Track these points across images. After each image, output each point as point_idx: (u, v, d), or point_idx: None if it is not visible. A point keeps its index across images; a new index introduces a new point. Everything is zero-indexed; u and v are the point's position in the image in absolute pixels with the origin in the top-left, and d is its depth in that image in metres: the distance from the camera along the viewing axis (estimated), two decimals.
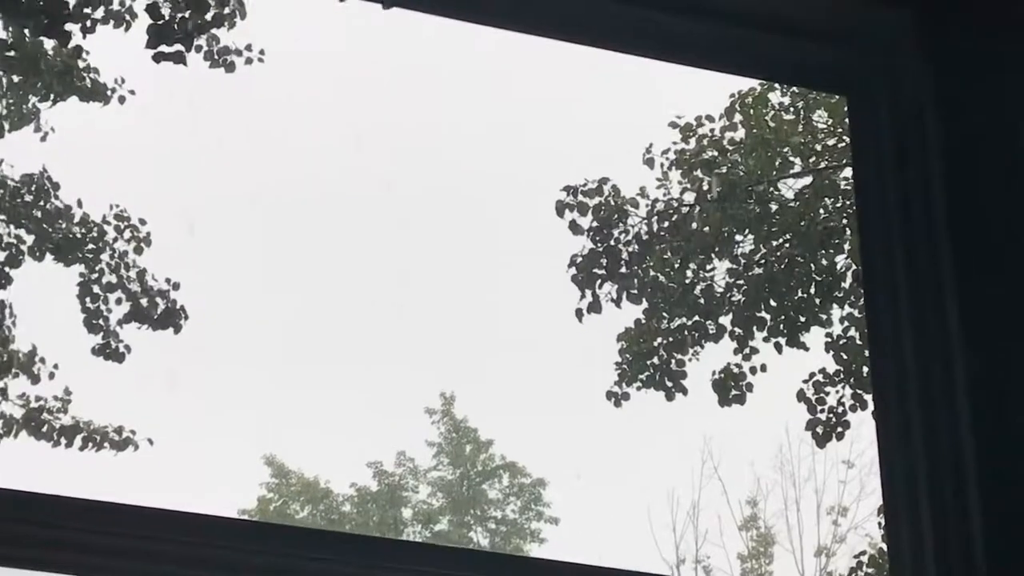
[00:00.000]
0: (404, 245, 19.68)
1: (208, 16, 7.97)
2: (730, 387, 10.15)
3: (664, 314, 10.12)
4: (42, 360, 10.74)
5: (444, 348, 19.66)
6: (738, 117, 10.21)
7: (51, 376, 10.74)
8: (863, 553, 10.56)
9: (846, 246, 10.02)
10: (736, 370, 10.14)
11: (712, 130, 10.23)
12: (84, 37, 8.08)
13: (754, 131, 10.05)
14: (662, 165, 10.29)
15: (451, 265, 19.73)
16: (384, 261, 19.99)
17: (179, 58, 7.80)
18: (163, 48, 7.70)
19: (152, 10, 7.57)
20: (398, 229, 19.72)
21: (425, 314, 19.57)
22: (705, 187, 9.95)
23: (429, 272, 19.30)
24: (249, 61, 9.22)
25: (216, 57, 9.00)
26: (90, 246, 10.35)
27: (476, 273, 19.40)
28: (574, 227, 9.93)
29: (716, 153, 9.99)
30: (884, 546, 10.48)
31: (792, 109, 10.19)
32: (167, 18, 7.97)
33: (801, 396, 10.04)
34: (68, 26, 7.82)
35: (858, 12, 2.08)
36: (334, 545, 2.01)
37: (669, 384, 10.12)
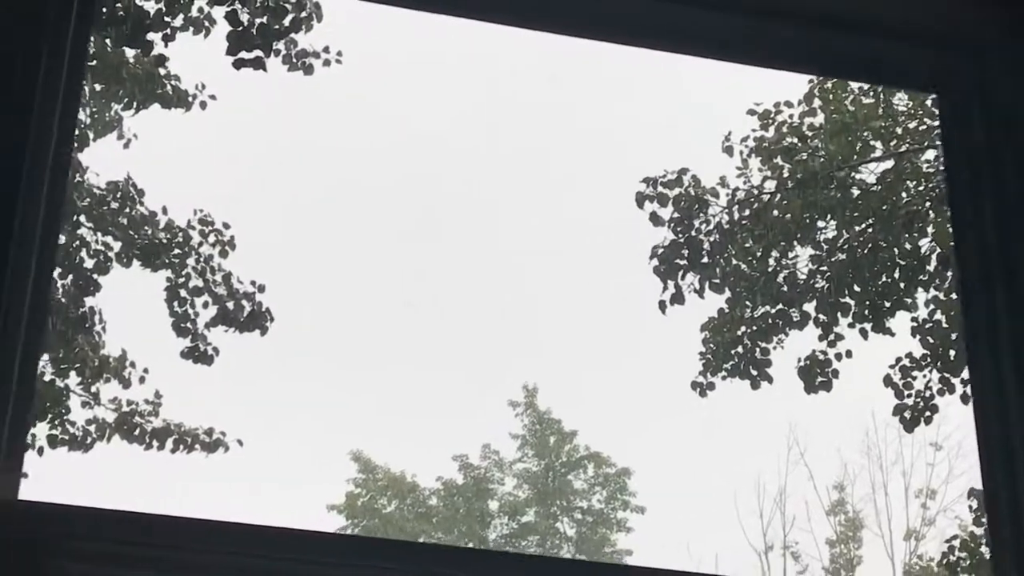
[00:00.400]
0: (486, 239, 19.72)
1: (286, 21, 8.03)
2: (816, 374, 10.08)
3: (747, 303, 10.07)
4: (132, 364, 10.89)
5: (526, 340, 19.69)
6: (817, 102, 10.14)
7: (142, 380, 10.88)
8: (955, 537, 10.45)
9: (929, 229, 9.91)
10: (821, 357, 10.08)
11: (791, 116, 10.16)
12: (166, 46, 8.18)
13: (834, 116, 9.97)
14: (741, 153, 10.24)
15: (533, 257, 19.74)
16: (467, 254, 20.03)
17: (259, 64, 7.87)
18: (243, 54, 7.77)
19: (231, 17, 7.64)
20: (479, 222, 19.77)
21: (508, 307, 19.61)
22: (785, 174, 9.89)
23: (511, 265, 19.32)
24: (327, 63, 9.27)
25: (294, 60, 9.07)
26: (176, 251, 10.47)
27: (557, 265, 19.39)
28: (655, 218, 9.91)
29: (796, 140, 9.92)
30: (975, 529, 10.39)
31: (871, 92, 10.08)
32: (246, 24, 8.06)
33: (888, 381, 9.95)
34: (150, 35, 7.91)
35: (949, 13, 2.07)
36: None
37: (754, 373, 10.08)
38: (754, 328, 10.07)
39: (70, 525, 1.78)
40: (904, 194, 9.97)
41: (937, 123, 10.15)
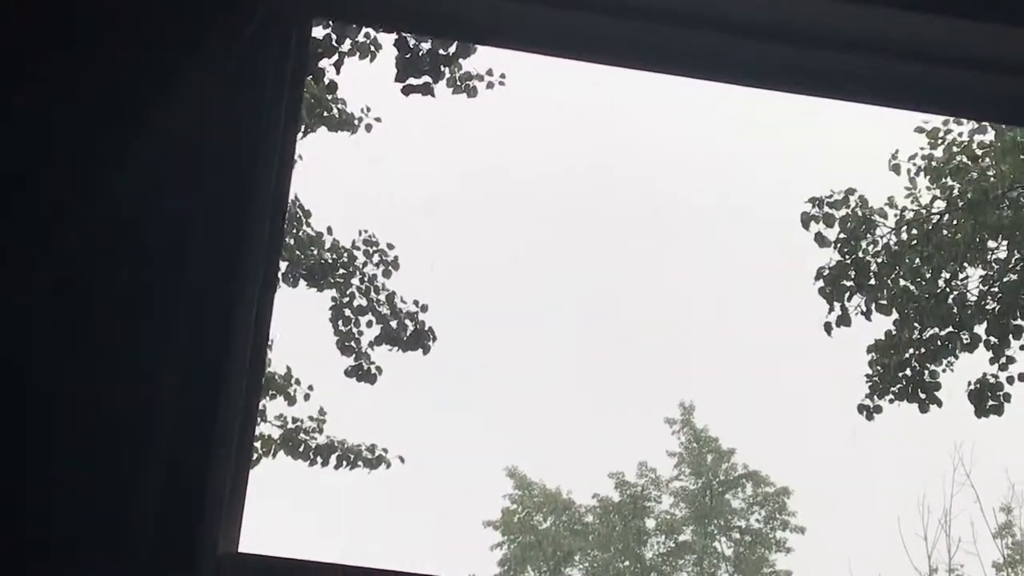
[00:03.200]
0: (646, 258, 19.69)
1: (452, 48, 8.10)
2: (987, 397, 9.85)
3: (916, 324, 9.89)
4: (297, 382, 11.07)
5: (683, 357, 19.59)
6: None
7: (306, 397, 11.05)
8: None
9: None
10: (992, 380, 9.84)
11: (960, 135, 9.96)
12: (337, 72, 8.30)
13: (1007, 135, 9.74)
14: (909, 172, 10.06)
15: (697, 275, 19.67)
16: (625, 273, 20.03)
17: (427, 90, 7.95)
18: (411, 80, 7.85)
19: (400, 44, 7.73)
20: (641, 242, 19.75)
21: (667, 324, 19.54)
22: (955, 194, 9.70)
23: (674, 283, 19.28)
24: (491, 86, 9.34)
25: (459, 83, 9.16)
26: (341, 271, 10.61)
27: (721, 284, 19.29)
28: (820, 239, 9.79)
29: (966, 159, 9.72)
30: None
31: None
32: (412, 48, 8.15)
33: None
34: (322, 63, 8.05)
35: None
36: None
37: (923, 396, 9.88)
38: (923, 350, 9.88)
39: None
40: None
41: None
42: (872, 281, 9.73)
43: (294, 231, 10.49)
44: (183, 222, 1.82)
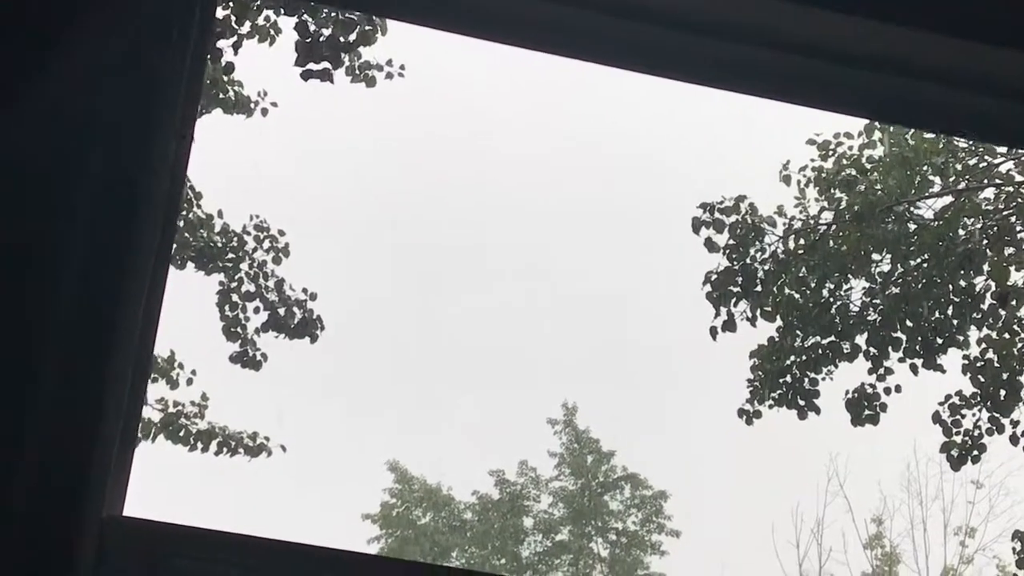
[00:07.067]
0: (536, 257, 19.74)
1: (352, 36, 8.06)
2: (863, 407, 10.03)
3: (798, 332, 10.03)
4: (180, 366, 10.95)
5: (567, 359, 19.69)
6: (877, 135, 10.10)
7: (189, 382, 10.94)
8: None
9: (985, 267, 9.85)
10: (870, 390, 10.03)
11: (851, 148, 10.13)
12: (235, 54, 8.23)
13: (894, 149, 9.92)
14: (799, 182, 10.21)
15: (582, 277, 19.75)
16: (512, 272, 20.06)
17: (326, 75, 7.92)
18: (311, 66, 7.81)
19: (301, 28, 7.68)
20: (530, 238, 19.79)
21: (552, 325, 19.62)
22: (843, 206, 9.86)
23: (560, 283, 19.35)
24: (390, 76, 9.30)
25: (358, 72, 9.11)
26: (230, 255, 10.50)
27: (608, 285, 19.40)
28: (710, 244, 9.89)
29: (855, 172, 9.88)
30: (1018, 572, 10.30)
31: None
32: (313, 33, 8.10)
33: (936, 418, 9.89)
34: (220, 43, 7.97)
35: None
36: None
37: (802, 403, 10.03)
38: (804, 358, 10.03)
39: (175, 544, 1.79)
40: (961, 231, 9.91)
41: (997, 160, 10.12)
42: (758, 288, 9.85)
43: (184, 213, 10.36)
44: (73, 195, 1.79)
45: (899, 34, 2.09)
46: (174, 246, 10.33)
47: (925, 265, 9.99)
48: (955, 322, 9.90)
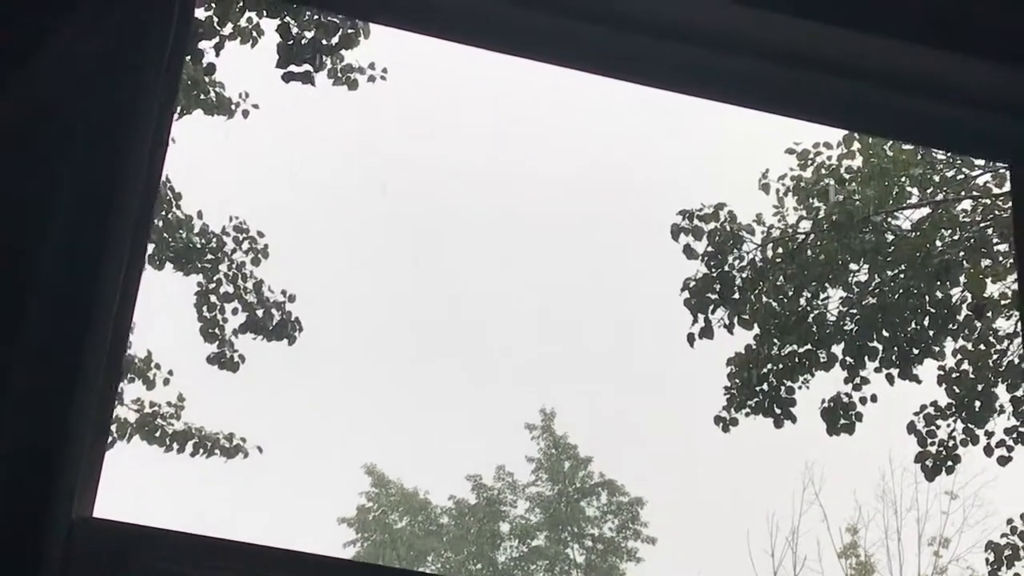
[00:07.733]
0: (516, 261, 19.75)
1: (335, 39, 8.06)
2: (839, 416, 10.06)
3: (775, 341, 10.06)
4: (157, 366, 10.91)
5: (546, 364, 19.69)
6: (856, 146, 10.14)
7: (166, 382, 10.89)
8: None
9: (961, 279, 9.89)
10: (846, 399, 10.06)
11: (830, 158, 10.17)
12: (217, 55, 8.22)
13: (872, 160, 9.96)
14: (778, 191, 10.25)
15: (563, 282, 19.77)
16: (491, 279, 20.08)
17: (308, 78, 7.91)
18: (293, 68, 7.80)
19: (283, 30, 7.68)
20: (509, 243, 19.81)
21: (531, 330, 19.62)
22: (821, 215, 9.89)
23: (540, 288, 19.35)
24: (372, 79, 9.31)
25: (340, 75, 9.11)
26: (209, 256, 10.48)
27: (587, 291, 19.42)
28: (689, 251, 9.91)
29: (833, 182, 9.92)
30: None
31: None
32: (295, 36, 8.10)
33: (911, 428, 9.93)
34: (202, 44, 7.96)
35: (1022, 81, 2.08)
36: None
37: (778, 411, 10.05)
38: (780, 366, 10.06)
39: (146, 545, 1.80)
40: (938, 242, 9.96)
41: (975, 172, 10.17)
42: (736, 295, 9.87)
43: (163, 213, 10.34)
44: (48, 196, 1.79)
45: (877, 44, 2.11)
46: (152, 247, 10.33)
47: (902, 276, 10.03)
48: (931, 333, 9.94)
